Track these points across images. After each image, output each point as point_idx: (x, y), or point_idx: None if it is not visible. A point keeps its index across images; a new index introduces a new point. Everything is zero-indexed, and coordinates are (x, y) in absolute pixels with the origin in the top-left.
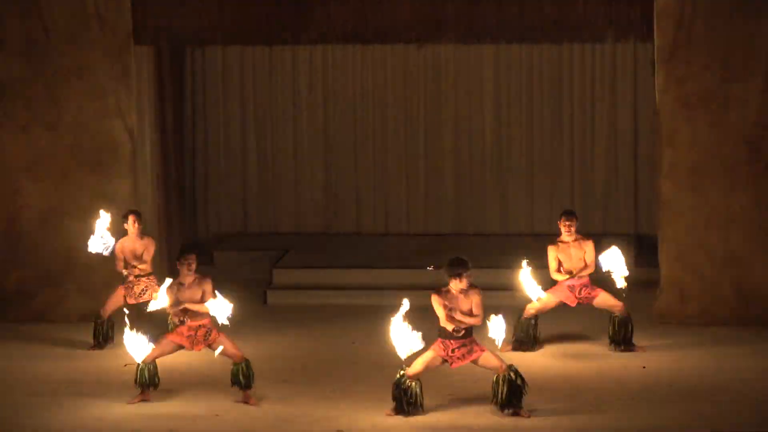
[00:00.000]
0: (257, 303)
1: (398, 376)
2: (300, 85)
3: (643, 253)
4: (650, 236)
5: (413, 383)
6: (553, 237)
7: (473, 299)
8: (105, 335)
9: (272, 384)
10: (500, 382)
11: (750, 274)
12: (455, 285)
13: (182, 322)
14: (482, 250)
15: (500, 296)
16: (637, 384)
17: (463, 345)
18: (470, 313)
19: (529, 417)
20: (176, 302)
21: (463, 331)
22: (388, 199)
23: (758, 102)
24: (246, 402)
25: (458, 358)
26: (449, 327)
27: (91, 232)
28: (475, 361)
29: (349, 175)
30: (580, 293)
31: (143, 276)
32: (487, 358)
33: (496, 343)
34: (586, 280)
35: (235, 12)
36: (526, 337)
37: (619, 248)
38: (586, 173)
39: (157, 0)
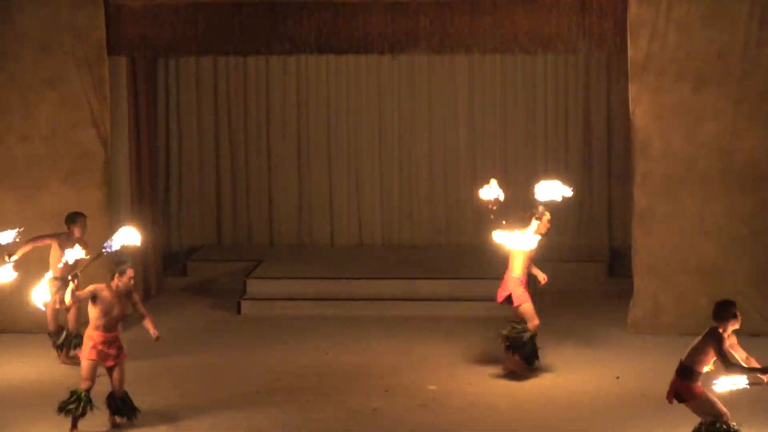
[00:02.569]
0: (231, 313)
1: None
2: (273, 96)
3: (616, 264)
4: (624, 246)
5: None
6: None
7: None
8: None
9: (244, 395)
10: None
11: (724, 284)
12: None
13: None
14: (458, 261)
15: (475, 307)
16: (611, 394)
17: None
18: None
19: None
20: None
21: None
22: (361, 209)
23: (731, 113)
24: (114, 425)
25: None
26: None
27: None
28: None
29: (323, 186)
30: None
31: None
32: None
33: None
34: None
35: (209, 22)
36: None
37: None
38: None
39: (130, 11)
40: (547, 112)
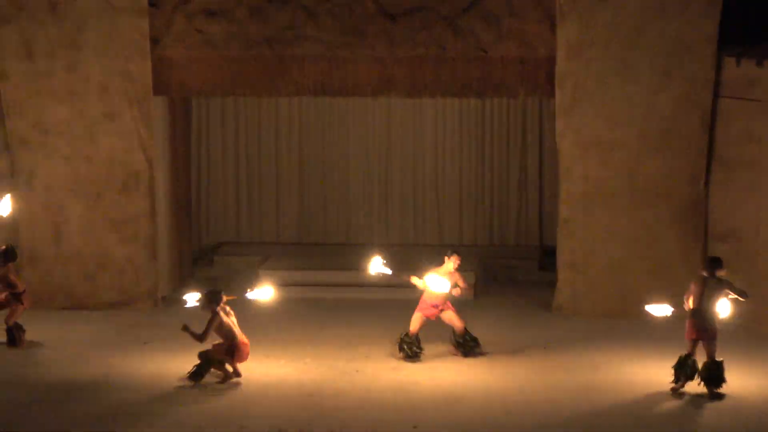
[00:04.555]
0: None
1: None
2: (281, 128)
3: (546, 261)
4: (551, 247)
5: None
6: (478, 247)
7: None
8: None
9: (258, 355)
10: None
11: (627, 277)
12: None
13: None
14: (422, 256)
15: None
16: (541, 357)
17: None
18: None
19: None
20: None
21: None
22: (349, 216)
23: (636, 145)
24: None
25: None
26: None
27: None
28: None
29: (319, 198)
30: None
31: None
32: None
33: None
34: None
35: (231, 71)
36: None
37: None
38: (503, 198)
39: (171, 61)
40: (494, 143)
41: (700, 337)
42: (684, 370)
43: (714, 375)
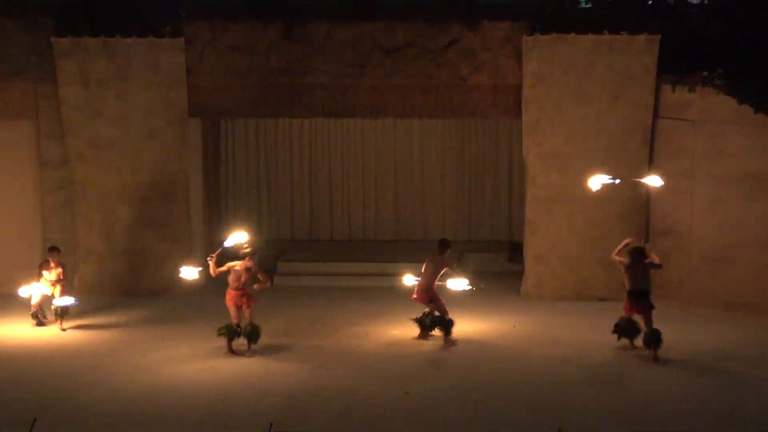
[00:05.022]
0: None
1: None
2: (294, 143)
3: (514, 254)
4: (519, 243)
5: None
6: (457, 242)
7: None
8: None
9: (278, 331)
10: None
11: (582, 267)
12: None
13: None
14: (411, 250)
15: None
16: (511, 336)
17: None
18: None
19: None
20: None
21: None
22: (351, 217)
23: (588, 158)
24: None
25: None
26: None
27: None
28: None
29: (326, 202)
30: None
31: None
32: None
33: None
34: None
35: (252, 96)
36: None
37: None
38: (478, 201)
39: (203, 89)
40: (471, 155)
41: (637, 312)
42: (622, 330)
43: (653, 339)
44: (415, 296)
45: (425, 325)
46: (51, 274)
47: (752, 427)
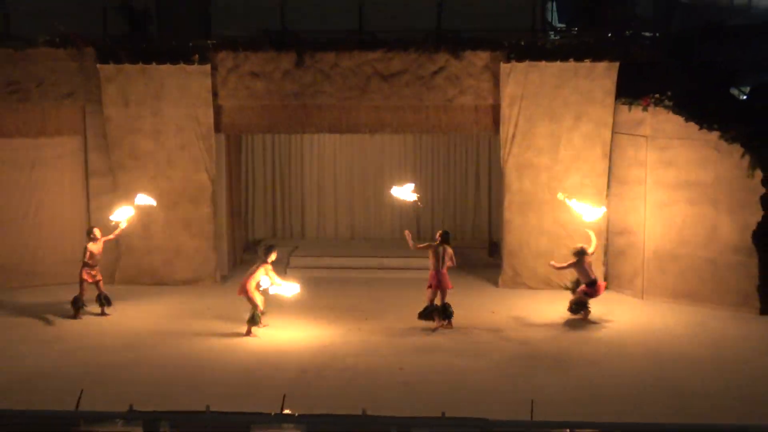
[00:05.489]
0: (281, 275)
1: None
2: (305, 156)
3: (493, 250)
4: (497, 240)
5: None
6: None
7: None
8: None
9: (294, 314)
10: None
11: (552, 261)
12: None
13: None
14: (407, 245)
15: (422, 273)
16: (490, 320)
17: None
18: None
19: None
20: None
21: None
22: (353, 218)
23: (556, 168)
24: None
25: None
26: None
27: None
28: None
29: (331, 205)
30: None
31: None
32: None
33: None
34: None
35: (269, 115)
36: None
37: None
38: (462, 205)
39: (226, 108)
40: (456, 166)
41: (593, 296)
42: (575, 308)
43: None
44: (431, 285)
45: (449, 312)
46: (98, 245)
47: (696, 399)
